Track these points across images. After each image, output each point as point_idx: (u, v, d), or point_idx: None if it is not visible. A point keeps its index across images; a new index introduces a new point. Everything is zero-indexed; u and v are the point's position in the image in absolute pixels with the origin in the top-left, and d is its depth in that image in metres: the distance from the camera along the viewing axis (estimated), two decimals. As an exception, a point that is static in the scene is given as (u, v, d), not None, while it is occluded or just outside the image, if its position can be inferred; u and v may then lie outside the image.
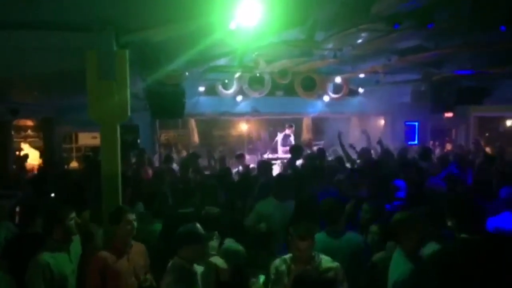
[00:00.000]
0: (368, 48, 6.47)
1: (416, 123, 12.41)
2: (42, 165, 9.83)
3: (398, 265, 3.17)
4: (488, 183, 5.42)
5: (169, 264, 3.25)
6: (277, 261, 3.41)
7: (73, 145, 11.57)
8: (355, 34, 5.55)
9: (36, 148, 10.85)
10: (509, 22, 4.21)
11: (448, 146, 11.95)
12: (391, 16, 4.59)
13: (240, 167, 8.31)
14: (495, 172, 6.20)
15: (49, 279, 3.33)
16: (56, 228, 3.49)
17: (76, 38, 4.13)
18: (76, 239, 3.73)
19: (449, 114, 11.60)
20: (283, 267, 3.34)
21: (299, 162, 7.86)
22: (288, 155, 10.26)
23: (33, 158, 10.20)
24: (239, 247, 3.73)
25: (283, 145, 10.92)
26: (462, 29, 5.08)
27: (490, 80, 9.30)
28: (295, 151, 8.08)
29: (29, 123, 11.32)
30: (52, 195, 5.87)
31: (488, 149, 10.51)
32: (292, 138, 11.15)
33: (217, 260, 3.51)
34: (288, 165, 7.70)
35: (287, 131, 11.11)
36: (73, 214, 3.56)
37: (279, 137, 11.23)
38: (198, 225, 3.29)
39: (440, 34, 5.43)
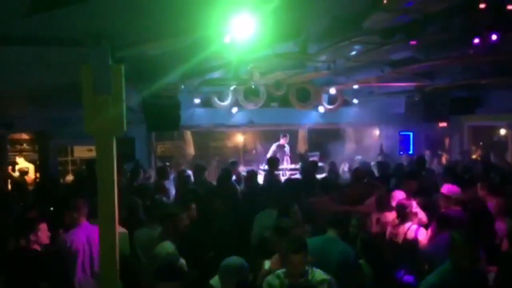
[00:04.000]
0: (361, 60, 6.55)
1: (411, 133, 12.49)
2: (38, 178, 9.80)
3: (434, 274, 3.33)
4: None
5: None
6: (269, 277, 3.40)
7: (69, 158, 11.53)
8: (348, 46, 5.63)
9: (31, 161, 10.82)
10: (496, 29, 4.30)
11: (443, 158, 11.97)
12: (383, 29, 4.66)
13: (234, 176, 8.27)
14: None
15: None
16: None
17: (71, 53, 4.16)
18: None
19: (443, 124, 11.69)
20: (276, 282, 3.33)
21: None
22: (289, 166, 10.37)
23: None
24: (241, 261, 3.46)
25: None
26: (453, 41, 5.16)
27: (482, 91, 9.42)
28: (272, 162, 8.16)
29: (24, 136, 11.30)
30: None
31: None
32: (287, 149, 10.92)
33: (216, 282, 3.37)
34: (266, 176, 7.77)
35: (282, 141, 10.86)
36: (184, 214, 4.16)
37: (273, 148, 10.91)
38: (182, 260, 3.22)
39: (431, 46, 5.51)
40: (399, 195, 5.23)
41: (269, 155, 10.56)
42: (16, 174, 10.18)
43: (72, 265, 4.31)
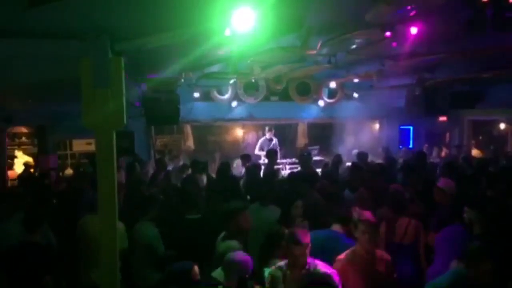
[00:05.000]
0: (362, 53, 6.52)
1: (411, 127, 12.48)
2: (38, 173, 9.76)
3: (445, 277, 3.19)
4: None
5: None
6: (272, 268, 3.41)
7: (68, 152, 11.50)
8: (349, 40, 5.60)
9: (29, 155, 10.80)
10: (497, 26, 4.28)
11: (443, 151, 11.96)
12: (384, 23, 4.63)
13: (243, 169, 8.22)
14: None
15: None
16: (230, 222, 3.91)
17: (71, 46, 4.13)
18: None
19: (443, 118, 11.68)
20: (278, 274, 3.34)
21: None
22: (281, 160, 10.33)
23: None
24: (245, 256, 3.42)
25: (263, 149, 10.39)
26: (454, 35, 5.13)
27: (482, 85, 9.41)
28: (271, 155, 8.14)
29: (23, 130, 11.26)
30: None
31: (476, 152, 10.63)
32: (274, 142, 10.68)
33: (219, 274, 3.37)
34: (266, 170, 7.75)
35: (267, 135, 10.69)
36: (247, 213, 4.00)
37: (260, 141, 10.78)
38: (195, 267, 3.17)
39: (433, 39, 5.48)
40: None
41: (257, 149, 10.53)
42: (21, 168, 10.15)
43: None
